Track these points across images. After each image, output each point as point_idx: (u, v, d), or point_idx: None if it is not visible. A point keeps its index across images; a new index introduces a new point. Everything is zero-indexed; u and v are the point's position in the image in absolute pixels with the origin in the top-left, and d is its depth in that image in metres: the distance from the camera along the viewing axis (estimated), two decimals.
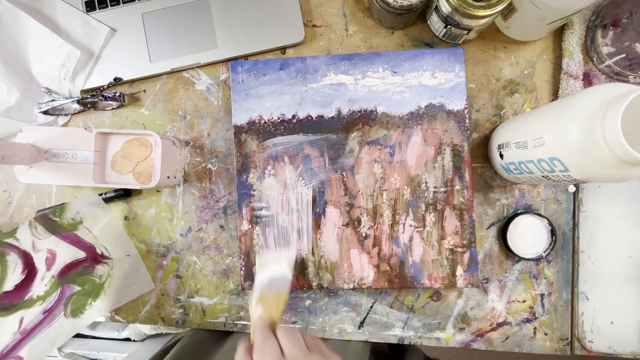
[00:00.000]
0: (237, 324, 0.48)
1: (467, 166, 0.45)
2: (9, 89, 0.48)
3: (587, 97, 0.30)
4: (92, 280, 0.45)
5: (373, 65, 0.46)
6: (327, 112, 0.46)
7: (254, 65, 0.47)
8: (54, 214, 0.46)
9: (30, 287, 0.44)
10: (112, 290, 0.45)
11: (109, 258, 0.47)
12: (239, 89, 0.47)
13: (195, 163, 0.49)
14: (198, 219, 0.48)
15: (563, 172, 0.33)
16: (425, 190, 0.45)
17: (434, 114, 0.45)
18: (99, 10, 0.49)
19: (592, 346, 0.44)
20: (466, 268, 0.44)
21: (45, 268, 0.45)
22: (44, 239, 0.45)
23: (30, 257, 0.45)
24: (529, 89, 0.46)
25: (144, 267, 0.48)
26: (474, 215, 0.45)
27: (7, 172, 0.51)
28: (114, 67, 0.49)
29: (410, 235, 0.45)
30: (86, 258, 0.45)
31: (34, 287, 0.44)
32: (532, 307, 0.45)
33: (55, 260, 0.45)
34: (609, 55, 0.42)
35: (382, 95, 0.46)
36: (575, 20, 0.44)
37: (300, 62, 0.47)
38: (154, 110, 0.49)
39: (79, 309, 0.44)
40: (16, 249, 0.45)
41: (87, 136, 0.45)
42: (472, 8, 0.37)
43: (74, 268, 0.45)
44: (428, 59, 0.45)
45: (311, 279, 0.45)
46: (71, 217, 0.46)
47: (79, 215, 0.46)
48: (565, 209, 0.45)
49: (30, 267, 0.44)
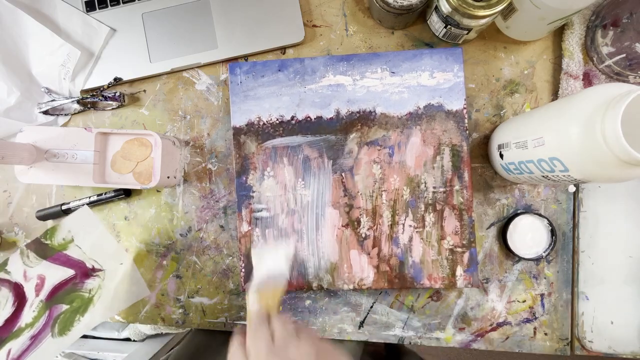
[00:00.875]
0: (237, 324, 0.48)
1: (466, 166, 0.45)
2: (9, 89, 0.48)
3: (587, 97, 0.30)
4: (81, 296, 0.44)
5: (371, 66, 0.46)
6: (325, 113, 0.46)
7: (252, 66, 0.47)
8: (46, 237, 0.45)
9: (19, 318, 0.43)
10: (103, 301, 0.44)
11: (101, 270, 0.46)
12: (238, 91, 0.47)
13: (195, 163, 0.49)
14: (198, 219, 0.48)
15: (563, 172, 0.33)
16: (425, 190, 0.45)
17: (432, 114, 0.45)
18: (99, 10, 0.49)
19: (592, 346, 0.44)
20: (466, 268, 0.44)
21: (34, 295, 0.44)
22: (34, 266, 0.44)
23: (21, 288, 0.44)
24: (529, 89, 0.46)
25: (138, 274, 0.47)
26: (474, 215, 0.45)
27: (7, 172, 0.51)
28: (114, 67, 0.49)
29: (409, 236, 0.45)
30: (75, 275, 0.45)
31: (23, 317, 0.43)
32: (532, 307, 0.45)
33: (44, 284, 0.44)
34: (609, 55, 0.42)
35: (381, 96, 0.46)
36: (575, 20, 0.44)
37: (299, 63, 0.47)
38: (154, 110, 0.50)
39: (66, 326, 0.43)
40: (7, 282, 0.44)
41: (87, 136, 0.45)
42: (472, 8, 0.37)
43: (62, 288, 0.44)
44: (427, 59, 0.45)
45: (311, 280, 0.45)
46: (62, 237, 0.46)
47: (70, 234, 0.46)
48: (565, 209, 0.45)
49: (20, 297, 0.44)
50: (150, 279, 0.49)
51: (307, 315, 0.47)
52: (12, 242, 0.50)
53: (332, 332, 0.47)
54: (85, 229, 0.46)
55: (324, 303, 0.47)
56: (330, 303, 0.47)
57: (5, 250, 0.50)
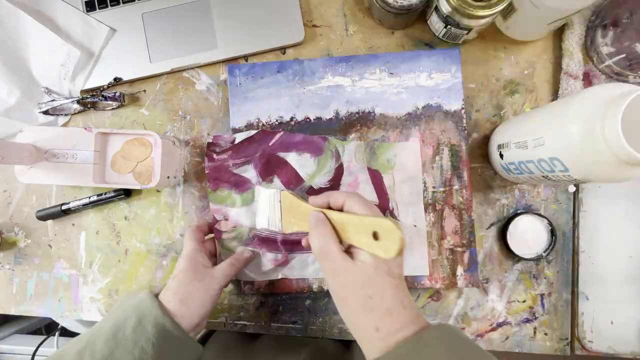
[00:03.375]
0: (237, 324, 0.48)
1: (465, 166, 0.45)
2: (9, 89, 0.48)
3: (587, 97, 0.30)
4: None
5: (370, 67, 0.46)
6: (325, 114, 0.46)
7: (252, 68, 0.47)
8: (378, 148, 0.44)
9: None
10: None
11: (396, 219, 0.43)
12: (237, 92, 0.47)
13: (195, 163, 0.49)
14: (198, 219, 0.48)
15: (563, 172, 0.33)
16: (424, 190, 0.45)
17: (431, 114, 0.45)
18: (99, 10, 0.49)
19: (592, 346, 0.44)
20: (466, 268, 0.44)
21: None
22: (360, 164, 0.44)
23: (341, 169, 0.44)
24: (529, 89, 0.46)
25: (424, 248, 0.44)
26: (473, 214, 0.45)
27: (7, 172, 0.51)
28: (114, 67, 0.49)
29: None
30: (376, 207, 0.42)
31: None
32: (532, 307, 0.45)
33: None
34: (609, 55, 0.42)
35: (380, 97, 0.46)
36: (575, 20, 0.44)
37: (298, 64, 0.47)
38: (154, 110, 0.50)
39: None
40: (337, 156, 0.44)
41: (87, 136, 0.45)
42: (472, 8, 0.37)
43: None
44: (425, 60, 0.46)
45: (311, 281, 0.45)
46: (387, 158, 0.44)
47: (394, 159, 0.44)
48: (565, 209, 0.45)
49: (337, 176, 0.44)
50: (150, 279, 0.49)
51: (307, 315, 0.47)
52: (12, 242, 0.51)
53: (332, 332, 0.47)
54: (403, 163, 0.44)
55: (324, 303, 0.47)
56: (330, 303, 0.47)
57: (5, 250, 0.50)
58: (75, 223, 0.50)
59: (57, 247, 0.50)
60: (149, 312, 0.35)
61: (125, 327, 0.34)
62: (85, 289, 0.49)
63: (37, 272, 0.50)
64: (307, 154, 0.45)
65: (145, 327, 0.34)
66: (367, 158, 0.44)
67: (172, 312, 0.36)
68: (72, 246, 0.50)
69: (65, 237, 0.50)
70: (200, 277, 0.39)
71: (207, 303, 0.39)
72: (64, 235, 0.50)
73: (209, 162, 0.45)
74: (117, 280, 0.49)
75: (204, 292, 0.39)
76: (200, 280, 0.39)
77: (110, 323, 0.35)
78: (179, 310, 0.37)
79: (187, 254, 0.41)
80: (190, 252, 0.41)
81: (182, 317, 0.36)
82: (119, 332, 0.34)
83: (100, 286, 0.49)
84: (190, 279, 0.39)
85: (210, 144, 0.45)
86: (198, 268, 0.40)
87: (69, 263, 0.50)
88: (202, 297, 0.38)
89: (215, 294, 0.39)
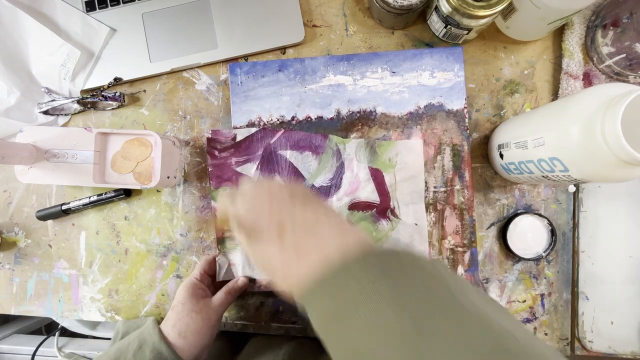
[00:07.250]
0: (237, 323, 0.48)
1: (467, 166, 0.45)
2: (9, 89, 0.48)
3: (587, 97, 0.30)
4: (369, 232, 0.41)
5: (372, 66, 0.46)
6: (326, 113, 0.46)
7: (253, 67, 0.47)
8: (379, 147, 0.44)
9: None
10: None
11: (397, 218, 0.43)
12: (238, 91, 0.47)
13: (195, 163, 0.49)
14: (198, 218, 0.48)
15: (563, 172, 0.33)
16: (426, 190, 0.45)
17: (433, 113, 0.45)
18: (99, 10, 0.49)
19: (592, 346, 0.44)
20: (467, 268, 0.44)
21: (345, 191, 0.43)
22: (362, 162, 0.43)
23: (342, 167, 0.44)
24: (529, 89, 0.46)
25: (425, 246, 0.44)
26: (474, 214, 0.45)
27: (7, 172, 0.51)
28: (114, 67, 0.49)
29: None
30: (377, 206, 0.40)
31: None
32: (532, 307, 0.45)
33: (351, 192, 0.43)
34: (609, 55, 0.42)
35: (381, 96, 0.46)
36: (575, 20, 0.44)
37: (299, 63, 0.47)
38: (154, 110, 0.49)
39: None
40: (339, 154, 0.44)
41: (87, 136, 0.45)
42: (472, 8, 0.37)
43: (362, 209, 0.42)
44: (427, 59, 0.45)
45: None
46: (389, 157, 0.44)
47: (396, 158, 0.44)
48: (565, 209, 0.45)
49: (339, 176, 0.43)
50: (150, 279, 0.49)
51: (307, 315, 0.47)
52: (12, 242, 0.50)
53: None
54: (405, 162, 0.43)
55: None
56: None
57: (5, 250, 0.50)
58: (75, 223, 0.50)
59: (57, 247, 0.50)
60: (150, 337, 0.37)
61: (127, 351, 0.37)
62: (86, 289, 0.49)
63: (37, 272, 0.50)
64: (308, 152, 0.45)
65: (144, 352, 0.36)
66: (368, 156, 0.45)
67: (171, 344, 0.37)
68: (72, 246, 0.50)
69: (65, 237, 0.50)
70: (199, 308, 0.39)
71: (206, 335, 0.39)
72: (64, 235, 0.50)
73: (211, 160, 0.45)
74: (117, 280, 0.49)
75: (202, 324, 0.39)
76: (198, 312, 0.39)
77: (115, 348, 0.38)
78: (177, 343, 0.37)
79: (186, 282, 0.42)
80: (190, 281, 0.42)
81: (181, 350, 0.37)
82: (121, 357, 0.36)
83: (100, 286, 0.49)
84: (188, 310, 0.39)
85: (210, 140, 0.45)
86: (196, 299, 0.40)
87: (69, 263, 0.50)
88: (201, 330, 0.39)
89: (214, 325, 0.40)
